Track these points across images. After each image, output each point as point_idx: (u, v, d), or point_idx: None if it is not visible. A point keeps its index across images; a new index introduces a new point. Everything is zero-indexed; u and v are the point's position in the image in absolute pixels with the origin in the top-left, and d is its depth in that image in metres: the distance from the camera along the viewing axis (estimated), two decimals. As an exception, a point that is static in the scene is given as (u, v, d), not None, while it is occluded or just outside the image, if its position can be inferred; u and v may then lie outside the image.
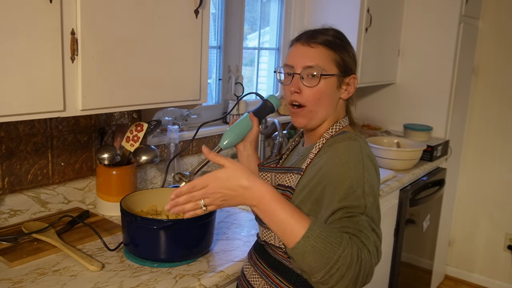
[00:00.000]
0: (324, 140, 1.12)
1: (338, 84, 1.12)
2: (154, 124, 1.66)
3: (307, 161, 1.10)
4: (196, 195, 0.94)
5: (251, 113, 1.30)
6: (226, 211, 1.70)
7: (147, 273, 1.23)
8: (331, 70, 1.10)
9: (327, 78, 1.10)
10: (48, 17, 1.13)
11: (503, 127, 3.10)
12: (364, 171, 1.00)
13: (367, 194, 0.96)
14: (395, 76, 2.97)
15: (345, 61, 1.11)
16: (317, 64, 1.09)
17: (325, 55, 1.10)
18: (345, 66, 1.11)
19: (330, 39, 1.11)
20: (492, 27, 3.05)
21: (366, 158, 1.04)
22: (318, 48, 1.10)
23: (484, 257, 3.28)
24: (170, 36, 1.44)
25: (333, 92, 1.12)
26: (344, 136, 1.10)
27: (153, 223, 1.24)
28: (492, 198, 3.20)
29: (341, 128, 1.14)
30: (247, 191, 0.92)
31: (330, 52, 1.10)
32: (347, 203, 0.95)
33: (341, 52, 1.11)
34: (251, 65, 2.56)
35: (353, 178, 0.98)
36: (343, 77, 1.12)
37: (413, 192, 2.39)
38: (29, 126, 1.50)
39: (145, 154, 1.66)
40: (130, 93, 1.36)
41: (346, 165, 1.00)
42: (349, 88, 1.14)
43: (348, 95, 1.15)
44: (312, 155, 1.10)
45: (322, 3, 2.52)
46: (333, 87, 1.11)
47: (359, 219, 0.93)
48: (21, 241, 1.35)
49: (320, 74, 1.09)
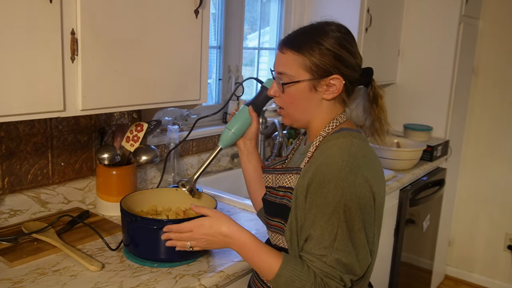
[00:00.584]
0: (320, 138, 1.11)
1: (311, 87, 1.08)
2: (154, 124, 1.66)
3: (305, 160, 1.10)
4: (183, 236, 1.12)
5: (250, 108, 1.27)
6: (226, 211, 1.70)
7: (147, 273, 1.23)
8: (300, 76, 1.07)
9: (291, 85, 1.08)
10: (48, 17, 1.13)
11: (503, 127, 3.10)
12: (344, 189, 0.98)
13: (341, 222, 0.98)
14: (395, 76, 2.97)
15: (317, 64, 1.06)
16: (284, 71, 1.09)
17: (293, 61, 1.07)
18: (318, 69, 1.06)
19: (300, 43, 1.07)
20: (492, 27, 3.05)
21: (353, 160, 1.01)
22: (287, 54, 1.09)
23: (484, 257, 3.28)
24: (170, 36, 1.44)
25: (306, 96, 1.09)
26: (338, 134, 1.08)
27: (153, 223, 1.24)
28: (492, 198, 3.20)
29: (338, 125, 1.12)
30: (227, 238, 1.08)
31: (298, 57, 1.07)
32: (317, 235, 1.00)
33: (311, 54, 1.06)
34: (251, 65, 2.56)
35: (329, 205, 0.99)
36: (317, 80, 1.07)
37: (413, 192, 2.39)
38: (29, 126, 1.50)
39: (145, 154, 1.66)
40: (130, 93, 1.36)
41: (326, 187, 0.99)
42: (330, 89, 1.08)
43: (333, 95, 1.09)
44: (310, 154, 1.10)
45: (322, 3, 2.52)
46: (305, 91, 1.09)
47: (326, 259, 0.99)
48: (21, 241, 1.35)
49: (282, 83, 1.10)
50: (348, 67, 1.08)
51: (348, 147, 1.04)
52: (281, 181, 1.14)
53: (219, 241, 1.09)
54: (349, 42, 1.09)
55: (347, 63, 1.08)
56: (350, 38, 1.10)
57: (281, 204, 1.11)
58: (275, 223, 1.14)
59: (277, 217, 1.13)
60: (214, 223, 1.09)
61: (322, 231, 0.99)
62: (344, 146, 1.04)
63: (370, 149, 1.10)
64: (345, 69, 1.08)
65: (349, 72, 1.09)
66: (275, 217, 1.13)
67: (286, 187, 1.11)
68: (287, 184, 1.11)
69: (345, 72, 1.08)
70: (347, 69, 1.08)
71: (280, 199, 1.12)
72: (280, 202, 1.11)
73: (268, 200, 1.17)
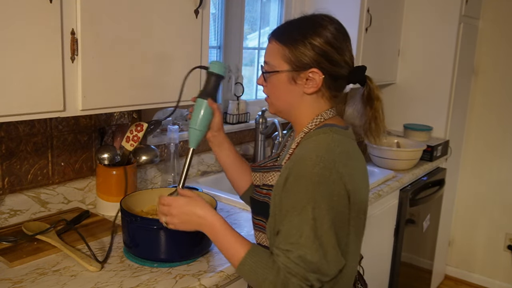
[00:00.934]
0: (302, 134, 1.10)
1: (290, 79, 1.08)
2: (154, 124, 1.66)
3: (286, 158, 1.10)
4: (161, 209, 1.12)
5: (209, 100, 1.21)
6: (227, 211, 1.70)
7: (147, 273, 1.23)
8: (280, 66, 1.08)
9: (272, 74, 1.10)
10: (48, 17, 1.13)
11: (503, 126, 3.10)
12: (316, 184, 0.97)
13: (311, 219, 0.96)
14: (395, 76, 2.97)
15: (297, 56, 1.06)
16: (268, 60, 1.11)
17: (276, 51, 1.09)
18: (298, 61, 1.06)
19: (284, 34, 1.09)
20: (492, 27, 3.05)
21: (328, 155, 1.00)
22: (272, 44, 1.11)
23: (484, 257, 3.28)
24: (170, 36, 1.44)
25: (286, 88, 1.09)
26: (319, 130, 1.07)
27: (153, 223, 1.24)
28: (492, 198, 3.20)
29: (322, 121, 1.10)
30: (200, 218, 1.08)
31: (281, 47, 1.08)
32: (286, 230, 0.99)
33: (294, 46, 1.06)
34: (251, 65, 2.56)
35: (300, 201, 0.98)
36: (297, 72, 1.07)
37: (413, 192, 2.39)
38: (29, 126, 1.50)
39: (145, 154, 1.66)
40: (130, 93, 1.36)
41: (299, 182, 0.98)
42: (310, 83, 1.07)
43: (313, 89, 1.08)
44: (291, 151, 1.10)
45: (322, 3, 2.52)
46: (284, 82, 1.09)
47: (290, 254, 0.97)
48: (21, 241, 1.35)
49: (262, 72, 1.13)
50: (332, 62, 1.06)
51: (326, 142, 1.03)
52: (266, 179, 1.14)
53: (193, 221, 1.09)
54: (336, 37, 1.07)
55: (330, 58, 1.06)
56: (338, 33, 1.08)
57: (263, 202, 1.11)
58: (258, 221, 1.15)
59: (260, 215, 1.13)
60: (191, 203, 1.10)
61: (291, 226, 0.98)
62: (322, 141, 1.03)
63: (352, 145, 1.08)
64: (327, 64, 1.06)
65: (332, 68, 1.07)
66: (258, 215, 1.14)
67: (268, 185, 1.12)
68: (270, 182, 1.11)
69: (326, 67, 1.06)
70: (329, 64, 1.06)
71: (263, 197, 1.12)
72: (263, 200, 1.12)
73: (253, 199, 1.17)
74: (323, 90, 1.09)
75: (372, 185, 2.11)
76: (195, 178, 2.05)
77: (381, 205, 2.16)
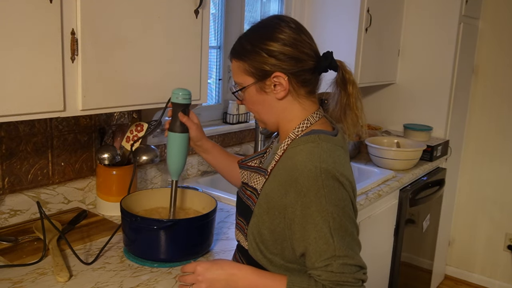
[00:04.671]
0: (289, 141, 1.07)
1: (259, 90, 1.08)
2: (154, 124, 1.66)
3: (273, 164, 1.08)
4: (185, 279, 1.09)
5: (180, 114, 1.25)
6: (227, 210, 1.70)
7: (147, 273, 1.23)
8: (245, 82, 1.09)
9: (243, 91, 1.11)
10: (48, 17, 1.13)
11: (503, 126, 3.10)
12: (326, 196, 0.96)
13: (334, 229, 0.96)
14: (395, 76, 2.97)
15: (256, 67, 1.06)
16: (235, 79, 1.13)
17: (237, 68, 1.10)
18: (259, 71, 1.06)
19: (237, 49, 1.10)
20: (492, 27, 3.05)
21: (326, 166, 0.98)
22: (233, 63, 1.12)
23: (484, 257, 3.28)
24: (170, 36, 1.44)
25: (259, 99, 1.09)
26: (306, 138, 1.04)
27: (153, 223, 1.24)
28: (492, 198, 3.20)
29: (309, 125, 1.08)
30: (232, 275, 1.04)
31: (240, 63, 1.09)
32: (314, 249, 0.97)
33: (250, 58, 1.06)
34: (251, 65, 2.56)
35: (316, 215, 0.96)
36: (262, 82, 1.07)
37: (413, 192, 2.39)
38: (29, 126, 1.50)
39: (145, 154, 1.66)
40: (130, 93, 1.36)
41: (307, 196, 0.97)
42: (278, 88, 1.06)
43: (284, 92, 1.06)
44: (277, 157, 1.07)
45: (322, 3, 2.52)
46: (255, 95, 1.09)
47: (332, 268, 0.95)
48: (21, 241, 1.35)
49: (232, 93, 1.15)
50: (292, 60, 1.04)
51: (317, 153, 1.00)
52: (251, 180, 1.13)
53: (223, 279, 1.05)
54: (289, 35, 1.04)
55: (289, 57, 1.04)
56: (290, 30, 1.05)
57: (246, 204, 1.11)
58: (239, 221, 1.15)
59: (241, 217, 1.13)
60: (216, 263, 1.07)
61: (317, 243, 0.96)
62: (313, 152, 1.01)
63: (340, 153, 1.05)
64: (288, 64, 1.04)
65: (294, 65, 1.04)
66: (240, 216, 1.14)
67: (253, 188, 1.11)
68: (255, 185, 1.10)
69: (288, 67, 1.04)
70: (290, 63, 1.04)
71: (246, 199, 1.12)
72: (246, 201, 1.12)
73: (238, 196, 1.18)
74: (296, 89, 1.07)
75: (372, 185, 2.11)
76: (195, 178, 2.05)
77: (381, 205, 2.16)
